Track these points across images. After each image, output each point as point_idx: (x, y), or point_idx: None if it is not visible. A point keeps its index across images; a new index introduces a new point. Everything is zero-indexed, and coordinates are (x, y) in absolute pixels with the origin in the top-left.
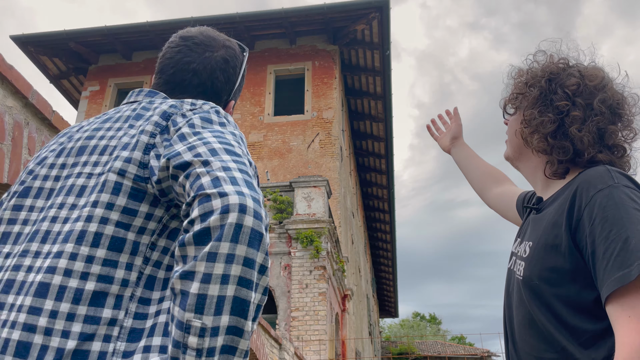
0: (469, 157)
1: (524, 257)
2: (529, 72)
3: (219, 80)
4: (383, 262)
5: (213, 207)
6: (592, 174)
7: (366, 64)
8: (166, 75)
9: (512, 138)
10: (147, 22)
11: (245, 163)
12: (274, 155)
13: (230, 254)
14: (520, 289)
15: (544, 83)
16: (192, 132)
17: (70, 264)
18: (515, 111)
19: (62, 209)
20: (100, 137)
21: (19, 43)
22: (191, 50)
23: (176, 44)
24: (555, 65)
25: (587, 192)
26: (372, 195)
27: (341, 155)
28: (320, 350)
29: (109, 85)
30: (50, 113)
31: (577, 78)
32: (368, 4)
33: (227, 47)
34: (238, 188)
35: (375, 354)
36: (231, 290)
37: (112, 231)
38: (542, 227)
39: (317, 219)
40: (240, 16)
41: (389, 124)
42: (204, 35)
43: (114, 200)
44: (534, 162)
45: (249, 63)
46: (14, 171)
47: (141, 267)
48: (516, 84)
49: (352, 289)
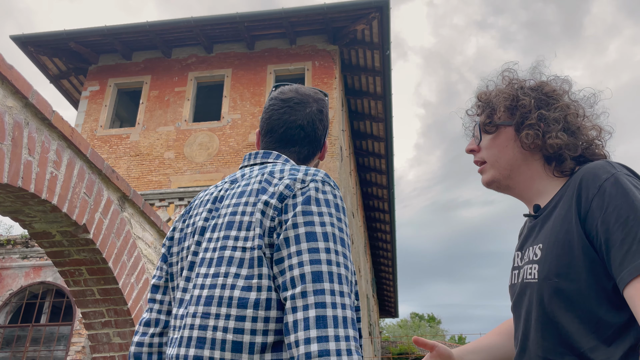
0: (482, 355)
1: (536, 260)
2: (507, 86)
3: (319, 128)
4: (383, 262)
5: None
6: (593, 166)
7: (366, 64)
8: (277, 134)
9: (500, 155)
10: (147, 22)
11: (346, 276)
12: None
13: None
14: (535, 292)
15: (530, 91)
16: (293, 235)
17: (245, 325)
18: (495, 129)
19: (223, 277)
20: (242, 213)
21: (19, 43)
22: (294, 110)
23: (280, 106)
24: (525, 81)
25: (594, 183)
26: (372, 195)
27: (341, 155)
28: None
29: (109, 85)
30: (50, 113)
31: (554, 86)
32: (368, 4)
33: (319, 99)
34: (326, 345)
35: (375, 354)
36: None
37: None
38: (550, 226)
39: None
40: (240, 16)
41: (389, 124)
42: (300, 94)
43: (265, 272)
44: (531, 170)
45: (250, 63)
46: (14, 171)
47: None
48: (497, 100)
49: None
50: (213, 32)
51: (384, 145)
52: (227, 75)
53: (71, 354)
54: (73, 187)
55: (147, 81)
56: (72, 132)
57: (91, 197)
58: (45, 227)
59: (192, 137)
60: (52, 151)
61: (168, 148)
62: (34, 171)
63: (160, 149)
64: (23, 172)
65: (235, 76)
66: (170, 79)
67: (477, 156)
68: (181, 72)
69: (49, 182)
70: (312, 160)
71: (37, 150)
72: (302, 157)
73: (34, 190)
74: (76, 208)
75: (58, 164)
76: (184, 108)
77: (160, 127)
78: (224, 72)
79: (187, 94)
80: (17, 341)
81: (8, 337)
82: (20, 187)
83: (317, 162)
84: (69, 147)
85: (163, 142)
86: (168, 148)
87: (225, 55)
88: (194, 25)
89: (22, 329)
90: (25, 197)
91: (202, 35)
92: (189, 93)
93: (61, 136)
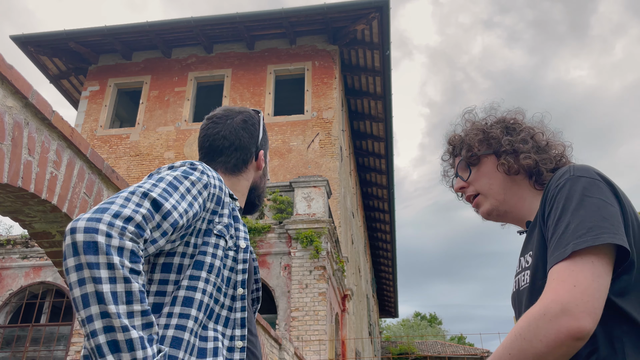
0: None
1: (528, 267)
2: (472, 126)
3: (244, 137)
4: (383, 262)
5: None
6: (558, 173)
7: (366, 64)
8: (205, 148)
9: (491, 182)
10: (146, 22)
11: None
12: (274, 155)
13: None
14: (528, 296)
15: (495, 124)
16: None
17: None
18: (478, 161)
19: None
20: None
21: (19, 43)
22: (216, 124)
23: (205, 125)
24: (486, 119)
25: (549, 187)
26: (372, 195)
27: (341, 155)
28: (320, 350)
29: (109, 85)
30: (50, 113)
31: (512, 116)
32: (368, 4)
33: (242, 112)
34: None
35: (375, 354)
36: (90, 288)
37: None
38: (536, 232)
39: (317, 219)
40: (240, 16)
41: (389, 124)
42: (225, 110)
43: None
44: (521, 189)
45: (250, 64)
46: (14, 171)
47: None
48: (469, 138)
49: (352, 289)
50: (213, 32)
51: (384, 145)
52: (227, 75)
53: (71, 354)
54: (73, 187)
55: (147, 81)
56: (72, 132)
57: (91, 197)
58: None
59: (192, 137)
60: (52, 151)
61: (168, 148)
62: (34, 171)
63: (160, 149)
64: (23, 172)
65: (235, 76)
66: (170, 79)
67: (468, 191)
68: (181, 72)
69: (49, 182)
70: (246, 170)
71: (37, 150)
72: (230, 166)
73: (34, 190)
74: (76, 208)
75: (58, 164)
76: (183, 108)
77: (160, 127)
78: (224, 72)
79: (187, 94)
80: (17, 341)
81: (8, 337)
82: (20, 187)
83: (260, 174)
84: (68, 147)
85: (163, 142)
86: (168, 148)
87: (225, 55)
88: (194, 25)
89: (22, 329)
90: (25, 197)
91: (202, 35)
92: (189, 93)
93: (61, 136)
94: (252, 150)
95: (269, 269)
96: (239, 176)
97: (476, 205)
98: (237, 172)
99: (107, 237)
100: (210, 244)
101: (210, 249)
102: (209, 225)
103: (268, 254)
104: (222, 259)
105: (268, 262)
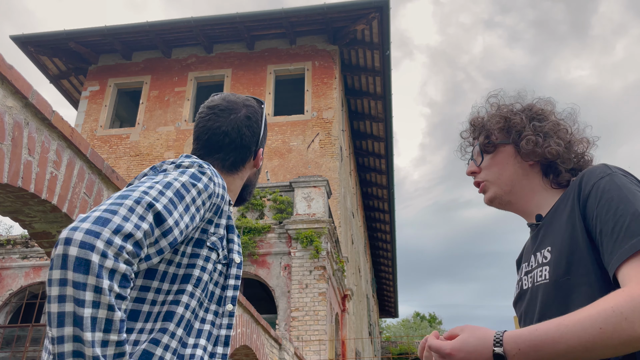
0: None
1: (546, 262)
2: (497, 111)
3: (246, 135)
4: (383, 262)
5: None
6: (591, 169)
7: (366, 64)
8: (202, 141)
9: (501, 172)
10: (146, 22)
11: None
12: (274, 155)
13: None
14: (548, 292)
15: (520, 112)
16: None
17: None
18: (494, 149)
19: None
20: None
21: (19, 43)
22: (218, 117)
23: (205, 114)
24: (512, 105)
25: (589, 181)
26: (372, 195)
27: (341, 155)
28: (320, 350)
29: (109, 85)
30: (50, 113)
31: (540, 106)
32: (368, 4)
33: (247, 105)
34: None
35: (375, 354)
36: (69, 307)
37: None
38: (556, 228)
39: (317, 219)
40: (240, 16)
41: (389, 124)
42: (227, 101)
43: None
44: (531, 184)
45: (249, 64)
46: (14, 171)
47: None
48: (490, 124)
49: (352, 289)
50: (213, 32)
51: (384, 145)
52: (227, 75)
53: None
54: (73, 187)
55: (147, 81)
56: (72, 132)
57: (91, 197)
58: (45, 227)
59: (192, 137)
60: (52, 151)
61: (168, 148)
62: (34, 171)
63: (160, 149)
64: (23, 172)
65: (235, 76)
66: (170, 79)
67: (478, 177)
68: (181, 72)
69: (49, 182)
70: (243, 169)
71: (37, 150)
72: (227, 164)
73: (34, 190)
74: (76, 208)
75: (58, 164)
76: (183, 108)
77: (160, 127)
78: (224, 72)
79: (187, 94)
80: (17, 341)
81: (8, 337)
82: (20, 187)
83: (255, 171)
84: (68, 147)
85: (163, 142)
86: (168, 148)
87: (225, 55)
88: (194, 25)
89: (22, 329)
90: (25, 197)
91: (202, 35)
92: (188, 93)
93: (61, 136)
94: (252, 149)
95: (269, 269)
96: (235, 175)
97: (482, 191)
98: (234, 170)
99: (102, 256)
100: (201, 256)
101: (200, 261)
102: (202, 235)
103: (268, 254)
104: (210, 273)
105: (268, 262)
